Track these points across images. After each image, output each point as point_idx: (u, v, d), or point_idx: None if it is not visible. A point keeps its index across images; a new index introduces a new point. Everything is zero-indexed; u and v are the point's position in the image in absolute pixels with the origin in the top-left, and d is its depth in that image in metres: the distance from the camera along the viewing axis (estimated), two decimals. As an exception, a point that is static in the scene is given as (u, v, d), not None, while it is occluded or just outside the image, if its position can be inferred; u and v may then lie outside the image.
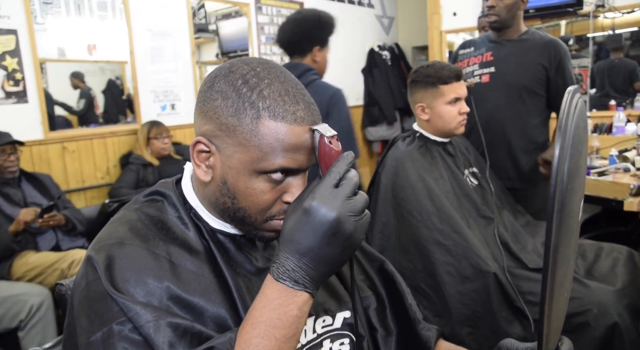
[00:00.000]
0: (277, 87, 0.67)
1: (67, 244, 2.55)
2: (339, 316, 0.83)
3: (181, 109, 3.64)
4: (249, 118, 0.65)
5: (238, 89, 0.66)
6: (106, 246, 0.67)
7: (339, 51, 4.96)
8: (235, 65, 0.69)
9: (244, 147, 0.66)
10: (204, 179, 0.71)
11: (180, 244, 0.70)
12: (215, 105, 0.68)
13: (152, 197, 0.78)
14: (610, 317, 1.37)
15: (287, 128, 0.66)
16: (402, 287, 0.94)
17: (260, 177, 0.68)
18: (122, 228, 0.71)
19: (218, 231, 0.76)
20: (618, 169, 2.41)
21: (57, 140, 2.97)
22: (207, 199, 0.75)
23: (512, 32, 2.08)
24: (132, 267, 0.65)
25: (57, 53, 3.02)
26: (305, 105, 0.68)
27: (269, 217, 0.71)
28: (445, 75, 1.64)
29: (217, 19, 4.20)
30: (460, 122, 1.67)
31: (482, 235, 1.60)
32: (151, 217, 0.73)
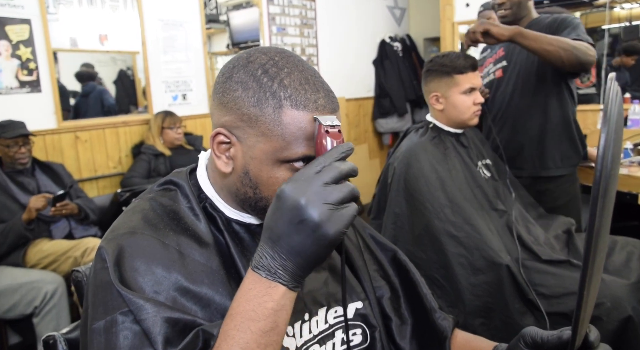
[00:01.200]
0: (297, 76, 0.67)
1: (80, 233, 2.58)
2: (351, 306, 0.83)
3: (192, 99, 3.64)
4: (271, 108, 0.66)
5: (258, 79, 0.66)
6: (118, 236, 0.67)
7: (350, 42, 4.94)
8: (253, 55, 0.69)
9: (267, 137, 0.66)
10: (224, 170, 0.71)
11: (190, 235, 0.70)
12: (236, 96, 0.67)
13: (166, 186, 0.78)
14: (624, 311, 1.36)
15: (310, 116, 0.66)
16: (416, 277, 0.93)
17: (283, 167, 0.68)
18: (135, 217, 0.71)
19: (234, 221, 0.76)
20: (632, 162, 2.38)
21: (70, 129, 2.99)
22: (226, 189, 0.74)
23: (523, 22, 2.00)
24: (141, 257, 0.65)
25: (70, 43, 3.03)
26: (325, 93, 0.68)
27: None
28: (460, 65, 1.62)
29: (228, 10, 4.19)
30: (475, 113, 1.66)
31: (495, 227, 1.59)
32: (164, 207, 0.73)
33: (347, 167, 0.60)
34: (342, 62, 4.85)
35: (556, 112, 1.93)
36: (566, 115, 1.94)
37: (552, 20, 1.90)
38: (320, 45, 4.60)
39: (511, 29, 1.70)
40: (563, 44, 1.69)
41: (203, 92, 3.71)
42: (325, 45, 4.65)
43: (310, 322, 0.78)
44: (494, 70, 2.08)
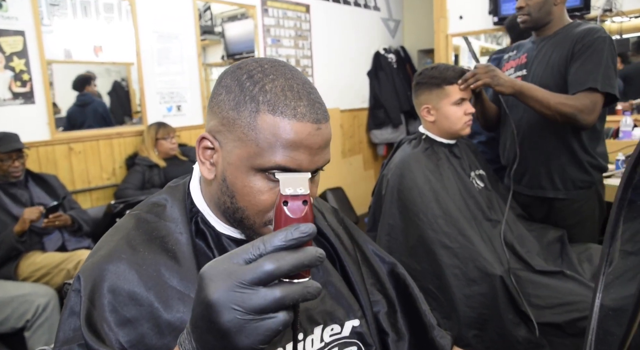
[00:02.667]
0: (280, 83, 0.65)
1: (73, 245, 2.56)
2: (348, 325, 0.81)
3: (187, 111, 3.65)
4: (248, 111, 0.64)
5: (242, 83, 0.65)
6: (96, 262, 0.67)
7: (345, 54, 4.97)
8: (244, 63, 0.69)
9: (242, 142, 0.65)
10: (207, 176, 0.70)
11: (171, 257, 0.68)
12: (220, 100, 0.67)
13: (156, 200, 0.76)
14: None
15: (286, 123, 0.63)
16: (415, 292, 0.92)
17: (258, 175, 0.65)
18: (117, 237, 0.70)
19: (224, 236, 0.74)
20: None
21: (63, 140, 2.99)
22: (212, 199, 0.73)
23: (549, 28, 1.83)
24: (116, 287, 0.64)
25: (64, 54, 3.04)
26: (309, 103, 0.65)
27: (268, 221, 0.68)
28: (450, 76, 1.64)
29: (223, 21, 4.21)
30: (466, 123, 1.67)
31: (488, 238, 1.60)
32: (148, 224, 0.72)
33: (286, 266, 0.45)
34: (336, 74, 4.87)
35: (567, 133, 1.77)
36: (578, 137, 1.77)
37: (580, 34, 1.70)
38: (314, 56, 4.63)
39: (512, 87, 1.63)
40: (562, 109, 1.61)
41: (198, 104, 3.71)
42: (320, 56, 4.68)
43: (305, 341, 0.76)
44: (514, 76, 1.91)
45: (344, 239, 0.92)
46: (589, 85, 1.62)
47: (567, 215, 1.85)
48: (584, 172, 1.80)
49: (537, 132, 1.83)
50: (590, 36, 1.68)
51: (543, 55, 1.81)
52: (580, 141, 1.78)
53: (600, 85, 1.61)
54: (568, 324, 1.39)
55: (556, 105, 1.62)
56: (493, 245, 1.59)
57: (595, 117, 1.64)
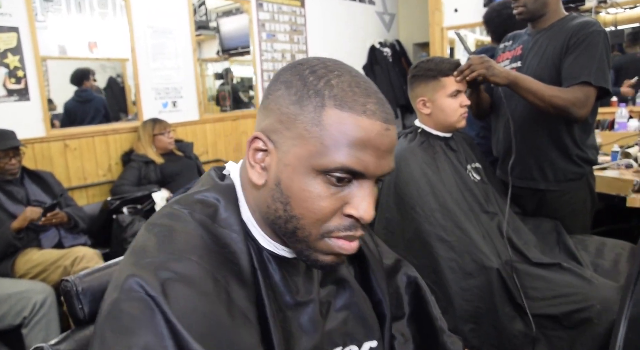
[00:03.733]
0: (347, 79, 0.60)
1: (70, 242, 2.56)
2: (366, 345, 0.77)
3: (182, 106, 3.64)
4: (312, 106, 0.58)
5: (304, 78, 0.60)
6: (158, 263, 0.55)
7: (340, 48, 4.95)
8: (305, 60, 0.64)
9: (304, 139, 0.58)
10: (257, 181, 0.63)
11: (235, 271, 0.60)
12: (278, 95, 0.61)
13: (205, 199, 0.66)
14: (613, 313, 1.36)
15: (355, 119, 0.57)
16: (427, 296, 0.90)
17: (319, 178, 0.59)
18: (179, 237, 0.59)
19: (266, 250, 0.66)
20: (620, 165, 2.41)
21: (58, 137, 2.97)
22: (258, 208, 0.65)
23: (544, 21, 1.82)
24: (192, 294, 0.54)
25: (58, 51, 3.02)
26: (378, 101, 0.60)
27: (326, 232, 0.61)
28: (445, 68, 1.64)
29: (217, 16, 4.19)
30: (462, 115, 1.67)
31: (486, 230, 1.60)
32: (206, 227, 0.62)
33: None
34: (332, 68, 4.87)
35: (559, 126, 1.78)
36: (569, 129, 1.78)
37: (575, 28, 1.70)
38: (310, 51, 4.62)
39: (507, 78, 1.63)
40: (555, 102, 1.61)
41: (193, 99, 3.70)
42: (315, 51, 4.66)
43: None
44: (508, 68, 1.90)
45: (373, 249, 0.88)
46: (583, 79, 1.63)
47: (559, 207, 1.85)
48: (574, 165, 1.81)
49: (528, 124, 1.83)
50: (585, 30, 1.68)
51: (538, 47, 1.81)
52: (571, 134, 1.79)
53: (593, 79, 1.62)
54: (565, 316, 1.40)
55: (550, 97, 1.62)
56: (490, 237, 1.59)
57: (588, 111, 1.65)
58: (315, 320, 0.69)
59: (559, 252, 1.67)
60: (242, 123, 4.12)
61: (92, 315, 0.90)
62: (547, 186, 1.85)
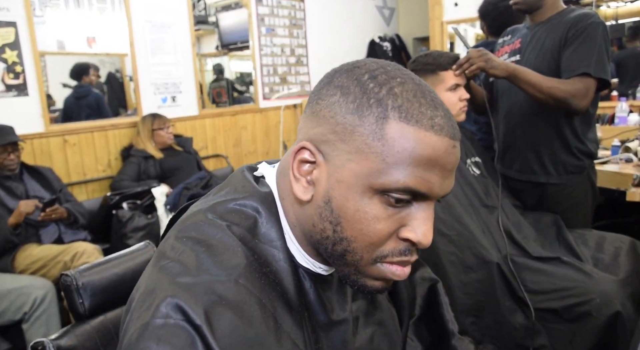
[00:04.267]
0: (411, 87, 0.53)
1: (70, 237, 2.56)
2: None
3: (182, 101, 3.63)
4: (374, 117, 0.52)
5: (363, 84, 0.54)
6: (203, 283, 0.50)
7: (340, 42, 4.94)
8: (361, 62, 0.58)
9: (362, 154, 0.52)
10: (302, 196, 0.56)
11: (280, 294, 0.55)
12: (332, 102, 0.54)
13: (243, 209, 0.59)
14: (613, 306, 1.37)
15: (422, 135, 0.51)
16: (441, 298, 0.89)
17: (376, 198, 0.53)
18: (224, 255, 0.54)
19: (302, 268, 0.61)
20: (620, 160, 2.40)
21: (58, 133, 2.97)
22: (299, 223, 0.59)
23: (542, 13, 1.80)
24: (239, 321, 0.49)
25: (57, 46, 3.01)
26: (445, 114, 0.54)
27: (379, 257, 0.55)
28: (444, 62, 1.63)
29: (217, 11, 4.18)
30: (462, 109, 1.67)
31: (485, 224, 1.60)
32: (247, 244, 0.56)
33: None
34: (331, 63, 4.83)
35: (559, 118, 1.77)
36: (570, 122, 1.77)
37: (573, 20, 1.69)
38: (309, 45, 4.60)
39: (505, 70, 1.62)
40: (555, 93, 1.60)
41: (192, 94, 3.69)
42: (315, 45, 4.65)
43: None
44: (507, 61, 1.87)
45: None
46: (582, 70, 1.62)
47: (559, 201, 1.85)
48: (575, 158, 1.81)
49: (528, 117, 1.82)
50: (583, 21, 1.67)
51: (537, 40, 1.81)
52: (572, 127, 1.78)
53: (593, 71, 1.61)
54: (564, 310, 1.40)
55: (549, 89, 1.61)
56: (490, 232, 1.59)
57: (588, 102, 1.64)
58: (347, 340, 0.65)
59: (559, 246, 1.67)
60: (242, 118, 4.11)
61: (92, 309, 0.90)
62: (547, 179, 1.84)
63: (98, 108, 3.31)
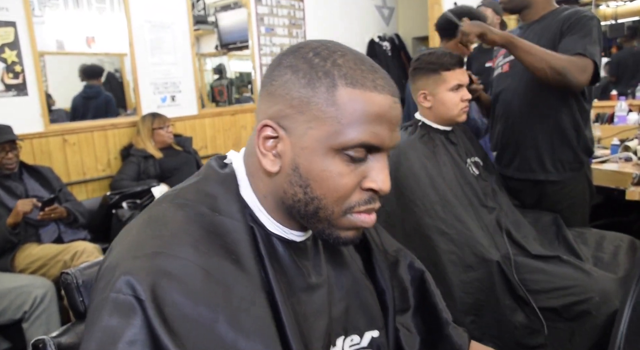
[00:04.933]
0: (351, 57, 0.61)
1: (69, 236, 2.56)
2: (367, 335, 0.78)
3: (181, 101, 3.63)
4: (325, 87, 0.59)
5: (310, 60, 0.60)
6: (147, 257, 0.55)
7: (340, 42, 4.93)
8: (304, 43, 0.64)
9: (320, 120, 0.59)
10: (271, 169, 0.62)
11: (234, 260, 0.59)
12: (285, 80, 0.61)
13: (206, 189, 0.65)
14: (612, 305, 1.37)
15: (368, 95, 0.59)
16: (432, 288, 0.90)
17: (337, 157, 0.60)
18: (166, 231, 0.59)
19: (274, 236, 0.67)
20: (620, 159, 2.41)
21: (57, 132, 2.97)
22: (271, 194, 0.65)
23: (533, 13, 1.84)
24: (183, 292, 0.54)
25: (56, 46, 3.01)
26: (384, 75, 0.62)
27: (348, 209, 0.62)
28: (447, 62, 1.63)
29: (216, 11, 4.18)
30: (463, 109, 1.67)
31: (485, 224, 1.60)
32: (202, 217, 0.61)
33: None
34: (331, 62, 4.86)
35: (557, 114, 1.78)
36: (568, 118, 1.78)
37: (567, 15, 1.73)
38: (309, 45, 4.60)
39: (503, 36, 1.64)
40: (553, 63, 1.59)
41: (192, 94, 3.69)
42: (314, 45, 4.65)
43: None
44: (502, 63, 1.93)
45: (376, 240, 0.89)
46: (578, 50, 1.62)
47: (558, 199, 1.85)
48: (573, 153, 1.81)
49: (526, 114, 1.83)
50: (577, 15, 1.70)
51: (530, 39, 1.79)
52: (570, 122, 1.79)
53: (589, 53, 1.61)
54: (564, 308, 1.40)
55: (547, 56, 1.60)
56: (489, 231, 1.59)
57: (586, 79, 1.62)
58: (329, 302, 0.70)
59: (558, 245, 1.67)
60: (241, 117, 4.11)
61: (93, 308, 0.90)
62: (546, 177, 1.84)
63: (106, 109, 3.32)
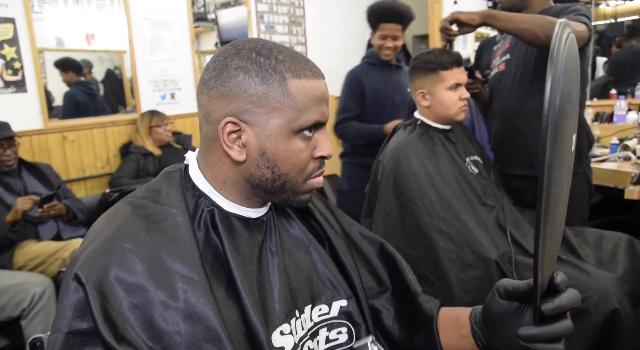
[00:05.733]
0: (286, 52, 0.72)
1: (68, 234, 2.56)
2: (335, 305, 0.83)
3: (181, 99, 3.62)
4: (277, 82, 0.69)
5: (255, 60, 0.70)
6: (96, 255, 0.65)
7: (339, 40, 4.93)
8: (239, 45, 0.72)
9: (279, 110, 0.70)
10: (239, 158, 0.71)
11: (172, 242, 0.68)
12: (239, 81, 0.69)
13: (151, 186, 0.76)
14: (610, 304, 1.37)
15: (312, 82, 0.71)
16: (403, 264, 0.95)
17: (297, 137, 0.72)
18: (113, 224, 0.69)
19: (232, 215, 0.76)
20: (619, 158, 2.41)
21: (56, 129, 2.96)
22: (231, 181, 0.75)
23: (530, 12, 1.82)
24: (121, 277, 0.63)
25: (56, 42, 3.00)
26: (313, 63, 0.74)
27: (307, 176, 0.75)
28: (445, 61, 1.63)
29: (216, 8, 4.17)
30: (461, 108, 1.67)
31: (484, 222, 1.60)
32: (144, 209, 0.71)
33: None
34: (331, 60, 4.84)
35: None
36: None
37: (560, 8, 1.77)
38: (309, 43, 4.60)
39: (480, 12, 1.64)
40: (540, 21, 1.56)
41: (191, 91, 3.69)
42: (314, 43, 4.64)
43: (301, 319, 0.78)
44: (499, 63, 1.96)
45: (332, 223, 0.94)
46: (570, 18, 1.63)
47: (534, 191, 1.85)
48: None
49: (521, 111, 1.84)
50: (570, 7, 1.72)
51: None
52: None
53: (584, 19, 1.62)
54: (562, 307, 1.40)
55: (535, 17, 1.60)
56: (489, 229, 1.59)
57: (585, 37, 1.61)
58: (283, 272, 0.77)
59: (558, 245, 1.67)
60: (241, 115, 4.10)
61: (91, 305, 0.90)
62: (524, 172, 1.86)
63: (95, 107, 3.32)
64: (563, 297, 0.62)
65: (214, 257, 0.71)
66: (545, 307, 0.61)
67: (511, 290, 0.69)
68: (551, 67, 0.50)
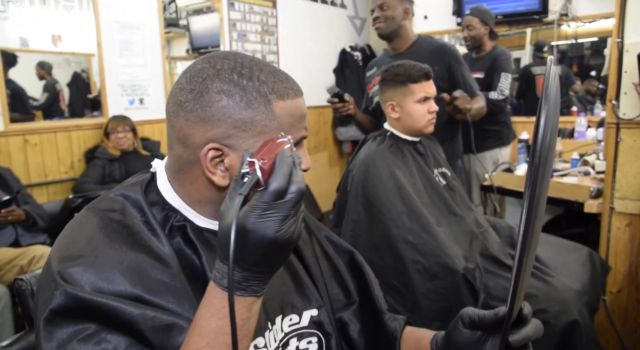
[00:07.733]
0: (267, 70, 0.70)
1: (28, 240, 2.47)
2: (306, 314, 0.82)
3: (149, 104, 3.56)
4: (263, 105, 0.67)
5: (238, 83, 0.67)
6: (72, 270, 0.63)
7: (311, 50, 4.96)
8: (217, 63, 0.68)
9: (265, 134, 0.67)
10: (222, 183, 0.69)
11: (148, 253, 0.67)
12: (222, 106, 0.66)
13: (114, 198, 0.74)
14: (570, 314, 1.41)
15: (294, 102, 0.70)
16: (370, 278, 0.94)
17: None
18: (84, 235, 0.67)
19: (205, 230, 0.74)
20: (579, 172, 2.49)
21: (18, 132, 2.87)
22: (207, 200, 0.72)
23: (401, 44, 2.23)
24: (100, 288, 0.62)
25: (20, 43, 2.92)
26: (292, 80, 0.73)
27: None
28: (414, 75, 1.66)
29: (188, 14, 4.14)
30: (430, 121, 1.70)
31: (452, 232, 1.63)
32: (115, 222, 0.70)
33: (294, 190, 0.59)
34: (302, 70, 4.87)
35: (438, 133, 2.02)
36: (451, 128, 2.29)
37: (437, 48, 2.21)
38: (281, 52, 4.61)
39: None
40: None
41: (161, 97, 3.63)
42: (286, 52, 4.66)
43: (273, 331, 0.77)
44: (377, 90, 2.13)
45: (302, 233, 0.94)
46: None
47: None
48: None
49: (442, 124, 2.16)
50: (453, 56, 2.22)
51: None
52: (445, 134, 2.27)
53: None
54: (524, 317, 1.44)
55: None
56: (456, 239, 1.62)
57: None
58: None
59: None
60: (211, 123, 4.06)
61: (49, 315, 0.87)
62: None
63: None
64: (529, 328, 0.66)
65: (190, 269, 0.70)
66: (513, 338, 0.65)
67: (476, 320, 0.69)
68: (545, 103, 0.51)
